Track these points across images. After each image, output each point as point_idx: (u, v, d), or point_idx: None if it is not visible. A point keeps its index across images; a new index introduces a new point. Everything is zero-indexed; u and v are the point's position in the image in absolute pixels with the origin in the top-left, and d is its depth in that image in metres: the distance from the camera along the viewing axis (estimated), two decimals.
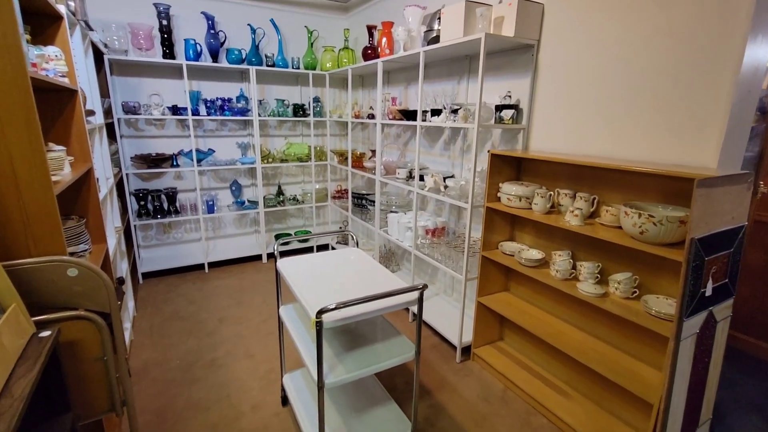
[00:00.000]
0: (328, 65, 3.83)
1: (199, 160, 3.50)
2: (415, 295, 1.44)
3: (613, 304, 1.64)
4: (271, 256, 4.03)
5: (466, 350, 2.42)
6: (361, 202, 3.73)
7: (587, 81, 1.89)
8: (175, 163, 3.43)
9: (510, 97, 2.21)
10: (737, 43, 1.37)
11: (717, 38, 1.43)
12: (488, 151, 2.09)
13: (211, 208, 3.57)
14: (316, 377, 1.35)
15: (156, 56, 3.23)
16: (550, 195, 1.91)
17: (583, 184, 1.92)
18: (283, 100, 3.80)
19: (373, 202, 3.50)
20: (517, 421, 1.93)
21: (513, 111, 2.17)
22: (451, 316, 2.72)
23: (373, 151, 3.66)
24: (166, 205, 3.49)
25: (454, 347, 2.48)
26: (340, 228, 4.35)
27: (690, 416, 1.46)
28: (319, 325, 1.26)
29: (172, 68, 3.43)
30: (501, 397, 2.10)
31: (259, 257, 3.95)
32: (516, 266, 2.04)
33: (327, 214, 4.56)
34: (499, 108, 2.21)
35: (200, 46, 3.34)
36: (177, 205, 3.53)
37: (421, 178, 2.76)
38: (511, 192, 2.03)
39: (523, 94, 2.21)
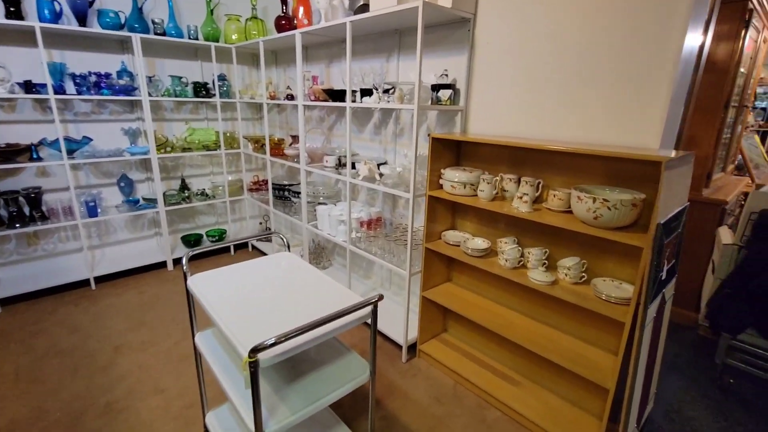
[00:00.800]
0: (233, 37, 3.31)
1: (70, 152, 2.79)
2: (369, 308, 1.21)
3: (564, 290, 1.60)
4: (178, 262, 3.46)
5: (412, 347, 2.28)
6: (284, 194, 3.36)
7: (526, 60, 1.80)
8: (35, 156, 2.68)
9: (447, 75, 2.05)
10: (680, 21, 1.36)
11: (660, 16, 1.40)
12: (429, 135, 1.91)
13: (92, 211, 2.89)
14: (252, 427, 1.06)
15: None
16: (496, 181, 1.80)
17: (525, 169, 1.85)
18: (180, 78, 3.21)
19: (298, 193, 3.16)
20: (472, 420, 1.84)
21: (450, 91, 2.02)
22: (393, 312, 2.56)
23: (294, 137, 3.30)
24: (27, 210, 2.73)
25: (398, 346, 2.33)
26: (261, 224, 3.91)
27: (644, 396, 1.49)
28: (253, 366, 0.97)
29: (21, 33, 2.63)
30: (453, 394, 2.00)
31: (163, 264, 3.36)
32: (461, 257, 1.92)
33: (244, 209, 4.07)
34: (436, 88, 2.05)
35: (59, 5, 2.61)
36: (44, 209, 2.79)
37: (353, 166, 2.51)
38: (454, 179, 1.89)
39: (459, 73, 2.07)
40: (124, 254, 3.33)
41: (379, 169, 2.32)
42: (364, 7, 2.09)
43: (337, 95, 2.40)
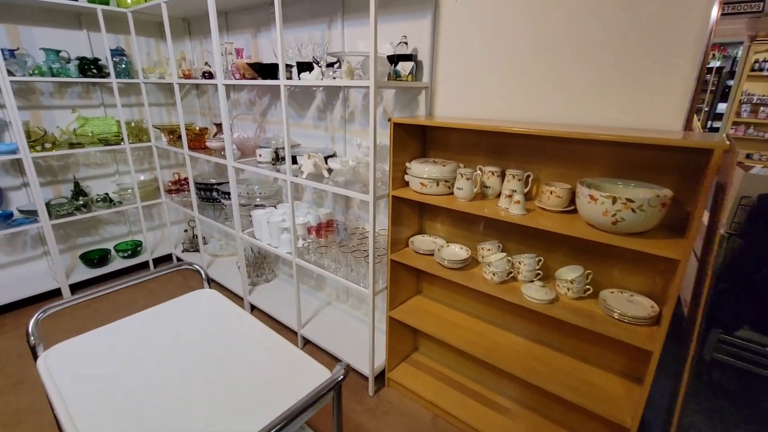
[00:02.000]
0: (129, 1, 2.61)
1: None
2: (333, 381, 0.80)
3: (567, 309, 1.29)
4: (80, 286, 2.77)
5: (379, 376, 1.91)
6: (211, 194, 2.78)
7: (506, 22, 1.44)
8: None
9: (406, 44, 1.63)
10: None
11: None
12: (389, 120, 1.50)
13: None
14: None
15: None
16: (477, 176, 1.45)
17: (508, 159, 1.51)
18: (59, 52, 2.46)
19: (228, 194, 2.61)
20: None
21: (412, 64, 1.61)
22: (352, 333, 2.16)
23: (220, 125, 2.71)
24: None
25: (363, 377, 1.95)
26: (186, 231, 3.27)
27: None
28: None
29: None
30: (432, 431, 1.67)
31: (56, 293, 2.65)
32: (436, 270, 1.56)
33: (163, 215, 3.39)
34: (393, 59, 1.63)
35: None
36: None
37: (294, 161, 2.03)
38: (423, 174, 1.51)
39: (421, 40, 1.66)
40: None
41: (326, 163, 1.87)
42: None
43: (268, 71, 1.89)
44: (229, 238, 3.31)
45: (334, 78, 1.63)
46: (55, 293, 2.65)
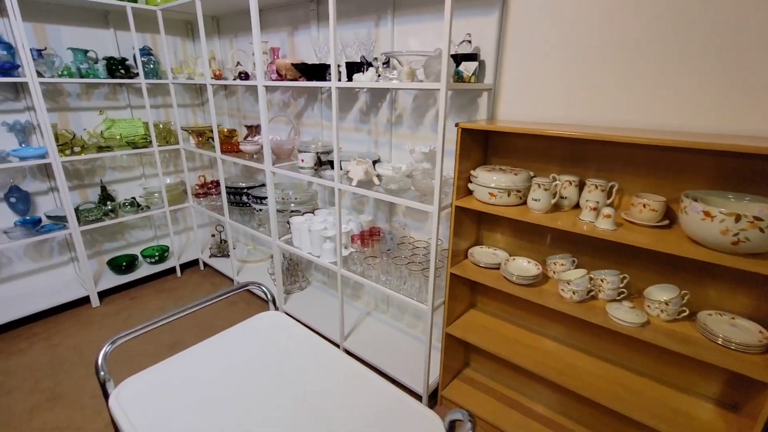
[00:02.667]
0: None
1: None
2: None
3: (660, 333, 1.18)
4: (106, 294, 2.69)
5: (431, 395, 1.81)
6: (241, 199, 2.69)
7: (586, 19, 1.32)
8: None
9: (470, 42, 1.52)
10: None
11: None
12: (456, 125, 1.39)
13: None
14: None
15: None
16: (556, 186, 1.33)
17: (585, 167, 1.40)
18: (86, 51, 2.38)
19: (260, 198, 2.52)
20: None
21: (476, 64, 1.50)
22: (398, 346, 2.06)
23: (250, 127, 2.62)
24: None
25: (414, 394, 1.84)
26: (213, 236, 3.18)
27: None
28: None
29: None
30: None
31: (84, 300, 2.57)
32: (502, 285, 1.45)
33: (188, 219, 3.31)
34: (455, 59, 1.51)
35: None
36: None
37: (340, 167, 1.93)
38: (491, 183, 1.39)
39: (485, 39, 1.54)
40: (26, 293, 2.50)
41: (374, 168, 1.77)
42: None
43: (314, 72, 1.78)
44: (257, 243, 3.22)
45: (392, 80, 1.52)
46: (83, 301, 2.57)
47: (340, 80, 1.66)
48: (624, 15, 1.25)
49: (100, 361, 0.84)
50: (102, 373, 0.83)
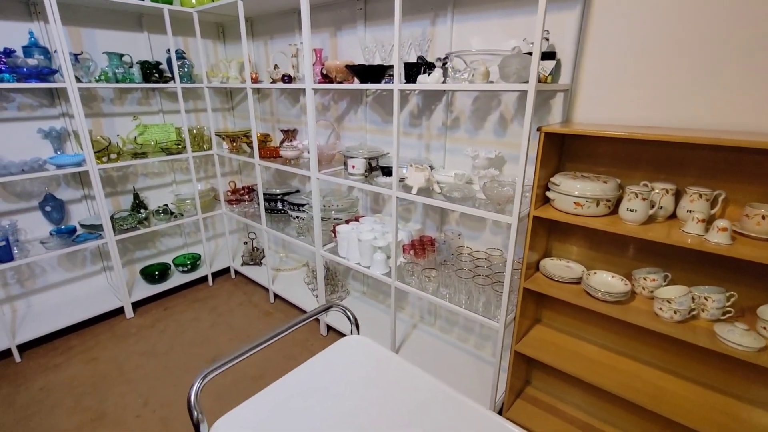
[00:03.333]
0: (194, 0, 2.44)
1: None
2: None
3: None
4: (140, 304, 2.61)
5: None
6: (276, 205, 2.61)
7: (693, 8, 1.21)
8: None
9: (547, 40, 1.41)
10: None
11: None
12: (539, 129, 1.28)
13: (4, 254, 1.98)
14: None
15: None
16: (655, 195, 1.22)
17: (681, 174, 1.28)
18: (122, 55, 2.31)
19: (297, 205, 2.43)
20: None
21: (554, 63, 1.40)
22: (452, 362, 1.95)
23: (287, 132, 2.53)
24: None
25: None
26: (246, 243, 3.09)
27: None
28: None
29: None
30: None
31: (119, 311, 2.50)
32: (584, 301, 1.34)
33: (217, 225, 3.24)
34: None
35: None
36: None
37: (389, 173, 1.83)
38: (573, 191, 1.29)
39: (562, 36, 1.44)
40: (60, 303, 2.43)
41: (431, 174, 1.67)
42: None
43: (369, 73, 1.69)
44: (289, 250, 3.13)
45: (462, 80, 1.42)
46: (117, 312, 2.49)
47: (412, 81, 1.57)
48: (731, 9, 1.14)
49: (192, 400, 0.74)
50: (195, 414, 0.74)
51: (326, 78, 1.99)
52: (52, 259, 2.41)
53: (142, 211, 2.54)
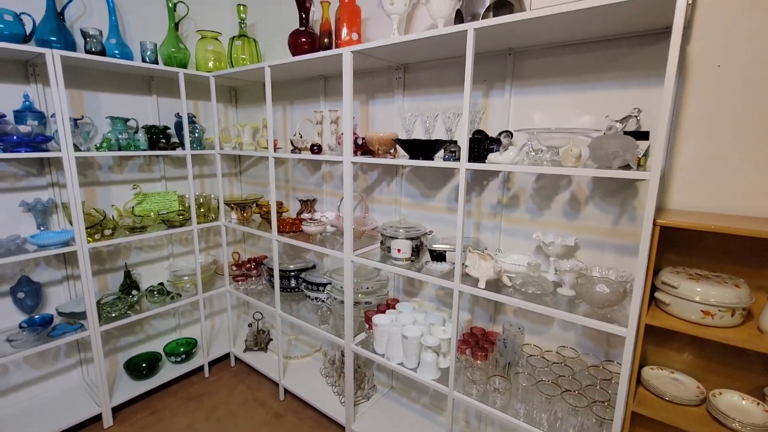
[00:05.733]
0: (210, 64, 2.29)
1: None
2: None
3: None
4: (120, 408, 2.15)
5: None
6: (289, 282, 2.29)
7: None
8: None
9: (637, 118, 1.25)
10: None
11: None
12: (655, 223, 1.07)
13: None
14: None
15: None
16: None
17: None
18: (126, 120, 2.08)
19: (316, 285, 2.14)
20: None
21: (648, 143, 1.23)
22: None
23: (305, 202, 2.30)
24: None
25: None
26: (251, 325, 2.70)
27: None
28: None
29: None
30: None
31: (94, 420, 2.03)
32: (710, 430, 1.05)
33: (215, 302, 2.87)
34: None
35: None
36: None
37: (442, 257, 1.58)
38: (696, 296, 1.05)
39: (650, 115, 1.29)
40: (22, 412, 1.97)
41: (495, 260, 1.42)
42: (505, 6, 1.25)
43: (421, 148, 1.49)
44: (299, 331, 2.76)
45: (542, 158, 1.23)
46: (94, 419, 2.03)
47: (482, 159, 1.37)
48: None
49: None
50: None
51: (359, 148, 1.80)
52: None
53: (133, 293, 2.18)
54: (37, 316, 1.93)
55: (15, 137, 1.63)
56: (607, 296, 1.17)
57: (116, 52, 1.96)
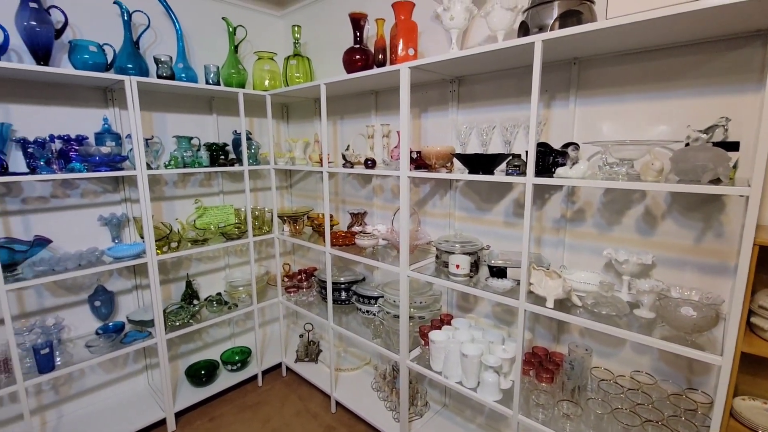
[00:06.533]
0: (266, 83, 2.38)
1: (10, 265, 1.67)
2: None
3: None
4: (183, 413, 2.24)
5: None
6: (340, 295, 2.31)
7: None
8: None
9: (725, 128, 1.16)
10: None
11: None
12: (755, 243, 0.98)
13: (45, 364, 1.70)
14: None
15: None
16: None
17: None
18: (190, 138, 2.20)
19: (367, 298, 2.14)
20: None
21: (738, 155, 1.14)
22: None
23: (356, 215, 2.32)
24: None
25: None
26: (302, 336, 2.75)
27: None
28: None
29: None
30: None
31: (158, 424, 2.13)
32: None
33: (267, 312, 2.95)
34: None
35: (3, 31, 1.60)
36: None
37: (502, 273, 1.53)
38: None
39: (739, 123, 1.19)
40: (93, 414, 2.10)
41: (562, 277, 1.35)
42: (573, 15, 1.21)
43: (481, 162, 1.46)
44: (348, 343, 2.77)
45: (622, 176, 1.16)
46: (158, 424, 2.13)
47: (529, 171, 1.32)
48: None
49: None
50: None
51: (414, 162, 1.80)
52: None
53: (194, 302, 2.28)
54: (110, 323, 2.06)
55: (97, 158, 1.77)
56: (694, 320, 1.08)
57: (183, 75, 2.08)
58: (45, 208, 1.91)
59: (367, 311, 2.16)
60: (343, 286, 2.33)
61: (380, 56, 1.86)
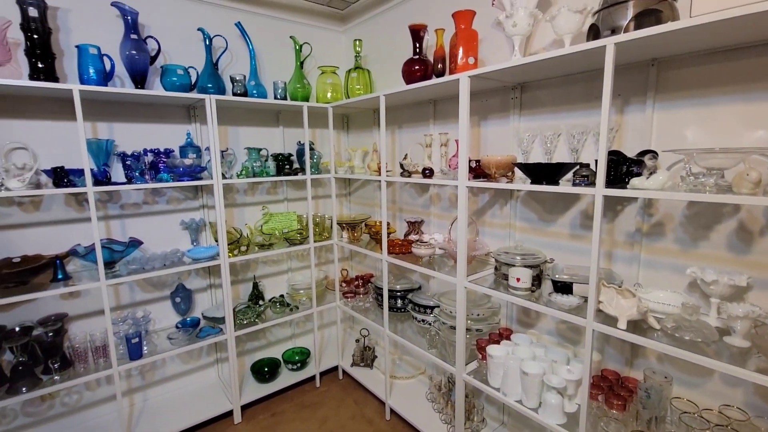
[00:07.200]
0: (328, 95, 2.49)
1: (110, 263, 1.90)
2: None
3: None
4: (248, 406, 2.39)
5: None
6: (396, 303, 2.32)
7: None
8: (60, 275, 1.79)
9: None
10: None
11: None
12: None
13: (135, 351, 1.92)
14: None
15: (18, 76, 1.66)
16: None
17: None
18: (259, 150, 2.36)
19: (424, 308, 2.12)
20: None
21: None
22: None
23: (413, 224, 2.32)
24: (41, 358, 1.80)
25: None
26: (358, 341, 2.81)
27: None
28: None
29: (54, 100, 1.88)
30: None
31: (226, 415, 2.29)
32: None
33: (325, 315, 3.05)
34: None
35: (110, 61, 1.85)
36: (66, 348, 1.86)
37: (567, 289, 1.45)
38: None
39: None
40: (173, 399, 2.32)
41: (637, 297, 1.24)
42: (650, 14, 1.13)
43: (546, 172, 1.40)
44: (402, 351, 2.78)
45: (710, 187, 1.05)
46: (225, 416, 2.28)
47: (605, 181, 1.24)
48: None
49: None
50: None
51: (473, 171, 1.76)
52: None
53: (260, 303, 2.43)
54: (188, 319, 2.26)
55: (181, 169, 1.97)
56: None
57: (254, 92, 2.25)
58: (138, 213, 2.16)
59: (423, 320, 2.15)
60: (399, 293, 2.34)
61: (439, 66, 1.86)
